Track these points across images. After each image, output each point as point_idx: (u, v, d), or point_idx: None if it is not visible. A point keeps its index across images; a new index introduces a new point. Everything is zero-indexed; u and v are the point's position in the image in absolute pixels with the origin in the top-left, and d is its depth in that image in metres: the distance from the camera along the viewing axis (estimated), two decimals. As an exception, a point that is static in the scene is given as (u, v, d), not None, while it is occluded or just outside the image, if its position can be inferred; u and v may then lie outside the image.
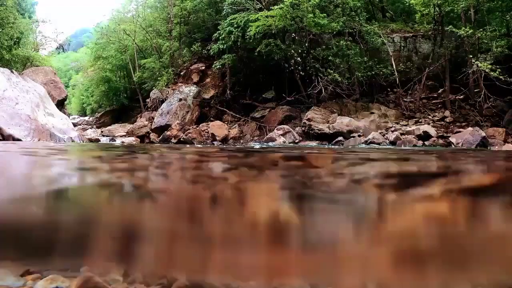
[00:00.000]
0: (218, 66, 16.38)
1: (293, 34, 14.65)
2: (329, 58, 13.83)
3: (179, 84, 18.48)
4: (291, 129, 13.31)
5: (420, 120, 13.01)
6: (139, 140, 15.90)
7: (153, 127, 16.96)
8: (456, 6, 12.70)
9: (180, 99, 17.16)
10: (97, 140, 14.13)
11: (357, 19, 14.47)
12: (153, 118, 17.64)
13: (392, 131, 12.24)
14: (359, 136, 12.08)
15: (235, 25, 15.14)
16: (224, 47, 15.63)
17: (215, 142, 14.32)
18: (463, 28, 12.05)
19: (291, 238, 1.50)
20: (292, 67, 14.07)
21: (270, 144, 12.19)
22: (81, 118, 31.44)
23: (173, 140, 14.89)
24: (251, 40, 14.37)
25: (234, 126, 15.84)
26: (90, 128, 22.47)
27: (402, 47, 15.47)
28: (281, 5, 13.29)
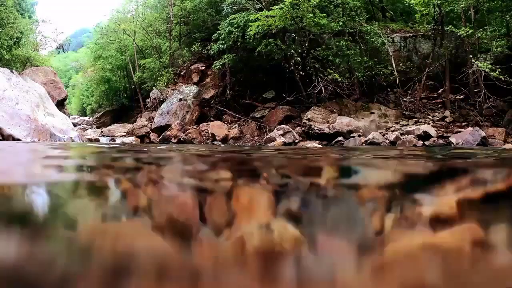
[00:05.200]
0: (218, 66, 16.37)
1: (293, 34, 14.64)
2: (329, 58, 13.82)
3: (179, 84, 18.48)
4: (291, 129, 13.30)
5: (420, 120, 13.00)
6: (139, 140, 15.91)
7: (153, 127, 16.97)
8: (456, 6, 12.69)
9: (180, 99, 17.17)
10: (97, 140, 14.14)
11: (357, 19, 14.45)
12: (153, 118, 17.66)
13: (392, 131, 12.24)
14: (359, 136, 12.08)
15: (235, 25, 15.14)
16: (224, 47, 15.62)
17: (215, 142, 14.31)
18: (463, 28, 12.04)
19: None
20: (292, 67, 14.06)
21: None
22: (81, 118, 31.52)
23: (173, 140, 14.89)
24: (251, 40, 14.36)
25: (234, 126, 15.84)
26: (90, 128, 22.52)
27: (402, 47, 15.47)
28: (281, 5, 13.27)
